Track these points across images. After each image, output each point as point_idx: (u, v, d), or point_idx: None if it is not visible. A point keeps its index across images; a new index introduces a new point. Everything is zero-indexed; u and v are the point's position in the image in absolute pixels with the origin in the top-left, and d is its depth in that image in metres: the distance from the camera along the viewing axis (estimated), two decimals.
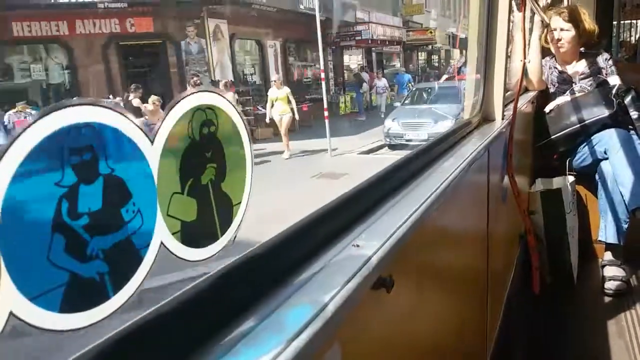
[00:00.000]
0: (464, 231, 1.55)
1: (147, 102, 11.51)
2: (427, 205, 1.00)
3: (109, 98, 12.66)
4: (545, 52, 3.32)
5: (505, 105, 2.23)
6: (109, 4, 14.15)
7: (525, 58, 2.51)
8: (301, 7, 18.52)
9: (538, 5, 3.02)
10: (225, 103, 0.56)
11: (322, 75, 14.11)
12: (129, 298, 0.46)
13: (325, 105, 13.95)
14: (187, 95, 0.52)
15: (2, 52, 14.32)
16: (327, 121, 13.14)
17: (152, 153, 0.47)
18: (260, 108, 15.58)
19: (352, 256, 0.73)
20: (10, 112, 12.10)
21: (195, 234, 0.53)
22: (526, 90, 3.16)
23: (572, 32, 3.20)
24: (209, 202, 0.55)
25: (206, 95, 0.54)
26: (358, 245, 0.77)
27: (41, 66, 14.71)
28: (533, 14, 3.18)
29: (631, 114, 3.03)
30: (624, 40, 8.21)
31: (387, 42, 24.61)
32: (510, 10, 2.20)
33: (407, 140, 13.33)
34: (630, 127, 3.04)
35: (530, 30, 3.26)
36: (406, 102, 15.58)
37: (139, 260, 0.47)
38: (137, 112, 10.80)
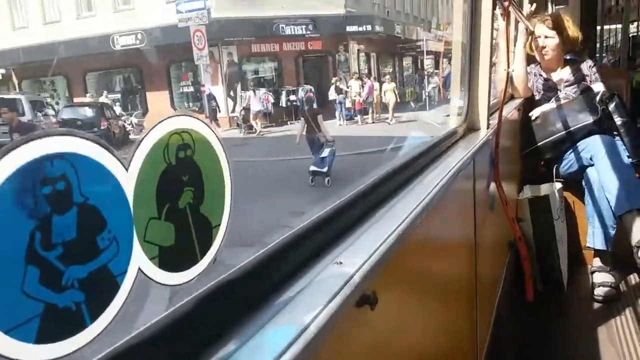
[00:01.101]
0: (450, 243, 1.56)
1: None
2: (412, 218, 1.00)
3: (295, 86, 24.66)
4: (530, 60, 3.35)
5: (490, 114, 2.25)
6: (299, 33, 25.63)
7: (509, 67, 2.54)
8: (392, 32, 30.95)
9: (522, 13, 3.06)
10: (201, 125, 0.56)
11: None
12: (107, 325, 0.46)
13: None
14: (163, 121, 0.52)
15: (248, 62, 26.34)
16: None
17: (127, 180, 0.47)
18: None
19: (335, 274, 0.73)
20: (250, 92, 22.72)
21: (174, 258, 0.53)
22: (512, 97, 3.19)
23: (556, 40, 3.24)
24: (187, 226, 0.55)
25: (182, 119, 0.54)
26: (341, 263, 0.77)
27: (264, 68, 26.85)
28: (518, 21, 3.22)
29: (615, 120, 3.06)
30: (609, 45, 8.31)
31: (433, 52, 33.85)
32: (494, 19, 2.22)
33: None
34: (614, 133, 3.07)
35: (515, 38, 3.29)
36: None
37: (116, 288, 0.47)
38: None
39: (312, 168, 10.78)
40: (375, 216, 1.00)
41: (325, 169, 10.58)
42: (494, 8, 2.18)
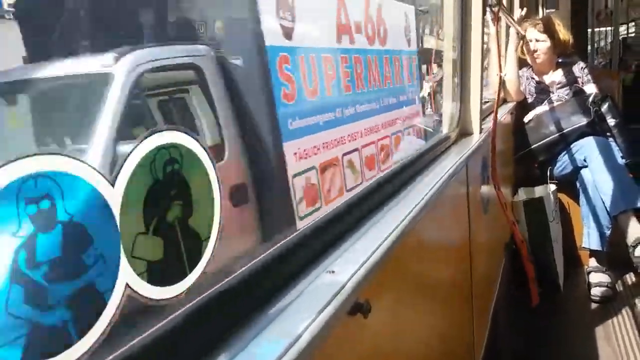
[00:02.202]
0: (444, 247, 1.56)
1: None
2: (405, 224, 1.00)
3: None
4: (522, 63, 3.37)
5: (483, 118, 2.25)
6: None
7: (501, 71, 2.55)
8: None
9: (512, 18, 3.07)
10: (189, 139, 0.56)
11: None
12: (94, 342, 0.45)
13: None
14: (148, 136, 0.52)
15: None
16: None
17: (114, 196, 0.47)
18: None
19: (327, 283, 0.73)
20: None
21: (162, 272, 0.53)
22: (504, 101, 3.20)
23: (548, 43, 3.26)
24: (175, 240, 0.55)
25: (168, 134, 0.54)
26: (333, 272, 0.77)
27: None
28: (509, 26, 3.23)
29: (608, 121, 3.08)
30: (599, 47, 8.35)
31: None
32: (484, 24, 2.23)
33: None
34: (607, 134, 3.09)
35: (507, 42, 3.31)
36: None
37: (104, 304, 0.46)
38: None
39: None
40: (368, 223, 1.00)
41: None
42: (484, 13, 2.19)
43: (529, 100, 3.33)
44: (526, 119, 3.29)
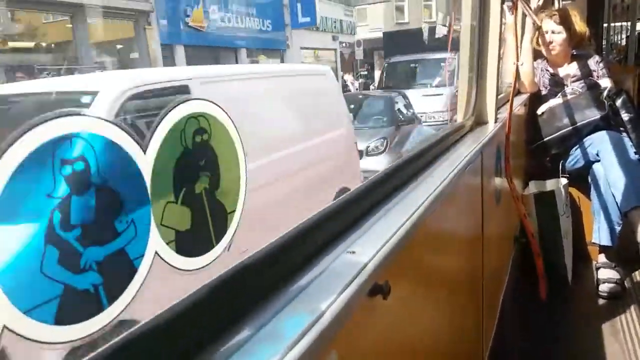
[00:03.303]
0: (459, 235, 1.55)
1: None
2: (423, 210, 0.99)
3: None
4: (536, 55, 3.33)
5: (497, 108, 2.24)
6: None
7: (518, 61, 2.52)
8: None
9: (530, 8, 3.04)
10: (218, 110, 0.56)
11: None
12: (124, 309, 0.45)
13: None
14: (178, 104, 0.51)
15: None
16: None
17: (145, 162, 0.47)
18: None
19: (348, 263, 0.73)
20: None
21: (189, 242, 0.53)
22: (519, 92, 3.17)
23: (564, 35, 3.22)
24: (203, 211, 0.55)
25: (198, 103, 0.54)
26: (354, 252, 0.77)
27: None
28: (525, 16, 3.20)
29: (622, 115, 3.04)
30: (615, 42, 8.28)
31: None
32: (502, 14, 2.21)
33: None
34: (621, 129, 3.05)
35: (522, 32, 3.27)
36: None
37: (133, 271, 0.46)
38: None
39: None
40: (386, 207, 1.00)
41: None
42: (502, 2, 2.17)
43: (543, 93, 3.30)
44: (539, 111, 3.26)
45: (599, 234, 2.94)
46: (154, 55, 13.07)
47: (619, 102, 3.08)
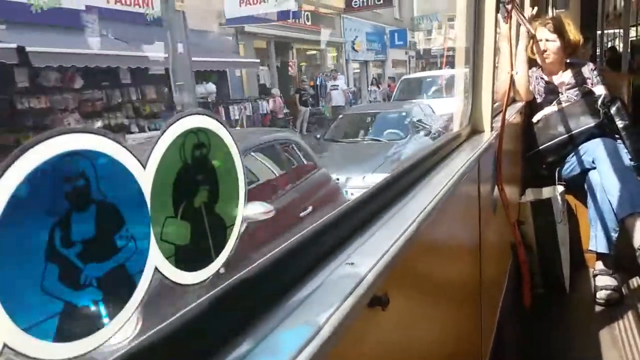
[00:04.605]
0: (456, 244, 1.55)
1: None
2: (421, 219, 1.00)
3: None
4: (531, 63, 3.35)
5: (493, 117, 2.25)
6: None
7: (512, 69, 2.53)
8: None
9: (524, 16, 3.06)
10: (217, 125, 0.56)
11: None
12: (123, 324, 0.45)
13: None
14: (179, 119, 0.51)
15: None
16: None
17: (145, 178, 0.47)
18: None
19: (347, 275, 0.73)
20: None
21: (189, 257, 0.53)
22: (514, 101, 3.19)
23: (558, 43, 3.24)
24: (202, 225, 0.55)
25: (198, 118, 0.54)
26: (352, 263, 0.77)
27: None
28: (519, 25, 3.22)
29: (617, 123, 3.06)
30: (607, 50, 8.32)
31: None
32: (496, 22, 2.22)
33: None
34: (616, 136, 3.07)
35: (517, 41, 3.29)
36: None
37: (133, 286, 0.46)
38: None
39: None
40: (384, 217, 1.00)
41: None
42: (497, 11, 2.18)
43: (538, 101, 3.32)
44: (535, 120, 3.28)
45: (595, 241, 2.95)
46: None
47: (613, 110, 3.10)
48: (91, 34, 11.58)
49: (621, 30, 7.35)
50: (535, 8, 3.29)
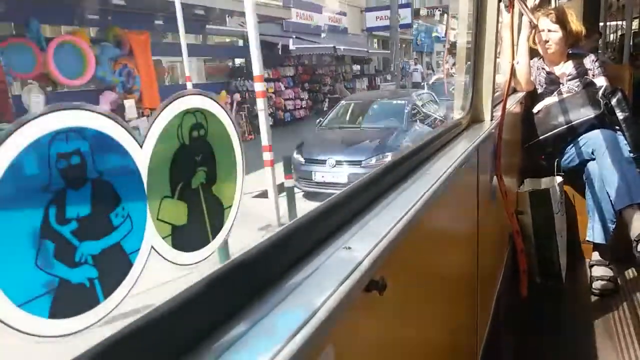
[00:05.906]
0: (454, 231, 1.56)
1: None
2: (419, 206, 0.99)
3: None
4: (533, 53, 3.34)
5: (494, 106, 2.24)
6: None
7: (513, 59, 2.52)
8: None
9: (526, 6, 3.04)
10: (215, 106, 0.55)
11: None
12: (119, 302, 0.45)
13: None
14: (176, 99, 0.51)
15: None
16: None
17: (141, 157, 0.47)
18: None
19: (344, 259, 0.73)
20: None
21: (186, 237, 0.53)
22: (514, 91, 3.18)
23: (560, 33, 3.22)
24: (199, 206, 0.55)
25: (195, 98, 0.53)
26: (350, 248, 0.77)
27: None
28: (521, 15, 3.20)
29: (617, 114, 3.05)
30: (609, 42, 8.29)
31: None
32: (499, 12, 2.21)
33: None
34: (616, 127, 3.06)
35: (519, 30, 3.27)
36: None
37: (129, 265, 0.46)
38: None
39: None
40: (382, 203, 1.00)
41: None
42: (499, 0, 2.16)
43: (539, 91, 3.31)
44: (535, 110, 3.27)
45: (593, 232, 2.95)
46: None
47: (614, 101, 3.08)
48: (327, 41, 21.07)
49: (624, 22, 7.32)
50: None
